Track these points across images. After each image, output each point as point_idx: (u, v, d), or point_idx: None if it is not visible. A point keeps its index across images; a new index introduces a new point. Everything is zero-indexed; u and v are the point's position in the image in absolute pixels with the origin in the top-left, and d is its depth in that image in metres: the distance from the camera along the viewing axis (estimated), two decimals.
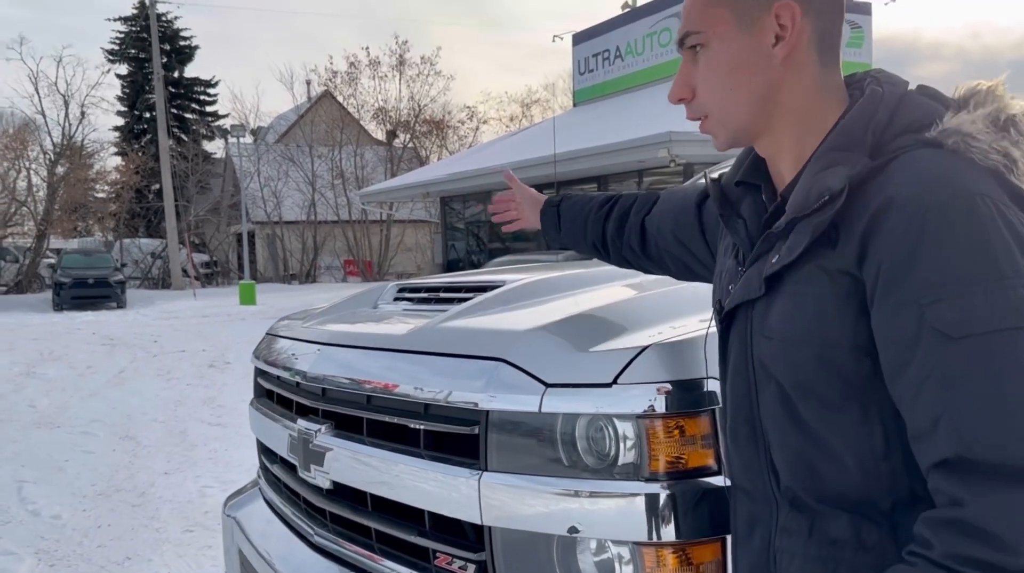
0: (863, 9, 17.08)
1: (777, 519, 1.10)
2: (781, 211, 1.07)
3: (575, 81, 20.59)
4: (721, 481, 1.39)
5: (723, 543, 1.37)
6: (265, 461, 2.49)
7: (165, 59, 36.37)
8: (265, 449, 2.46)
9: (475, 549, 1.60)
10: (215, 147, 40.28)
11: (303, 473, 2.03)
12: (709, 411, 1.39)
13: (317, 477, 1.97)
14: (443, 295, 2.23)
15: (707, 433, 1.39)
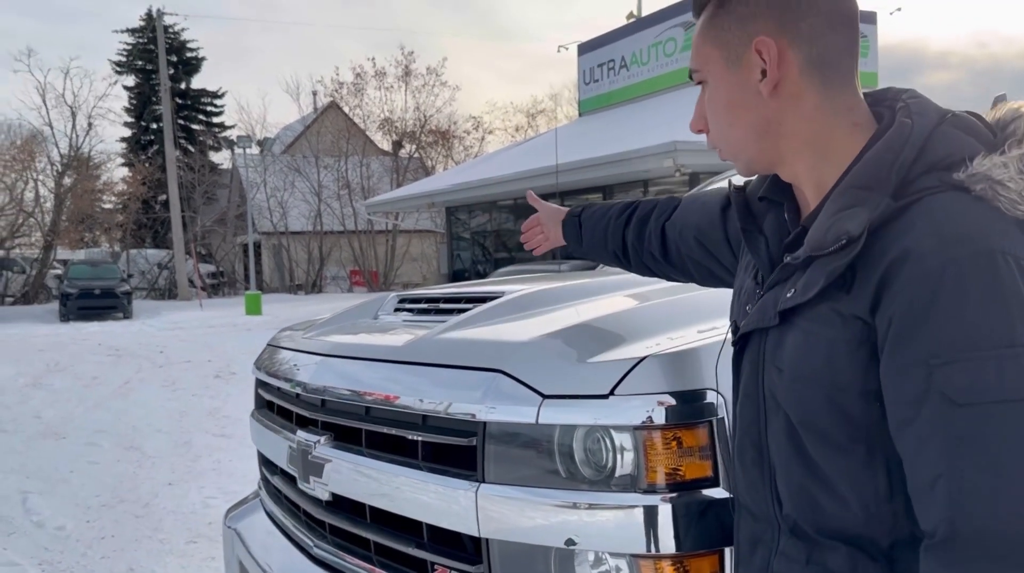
0: (868, 18, 17.08)
1: (778, 542, 1.10)
2: (801, 238, 1.06)
3: (580, 91, 20.60)
4: (719, 493, 1.38)
5: (721, 556, 1.36)
6: (266, 472, 2.48)
7: (172, 70, 36.59)
8: (266, 460, 2.46)
9: (473, 561, 1.59)
10: (222, 158, 40.53)
11: (303, 485, 2.03)
12: (707, 422, 1.39)
13: (316, 489, 1.96)
14: (443, 306, 2.23)
15: (704, 444, 1.38)
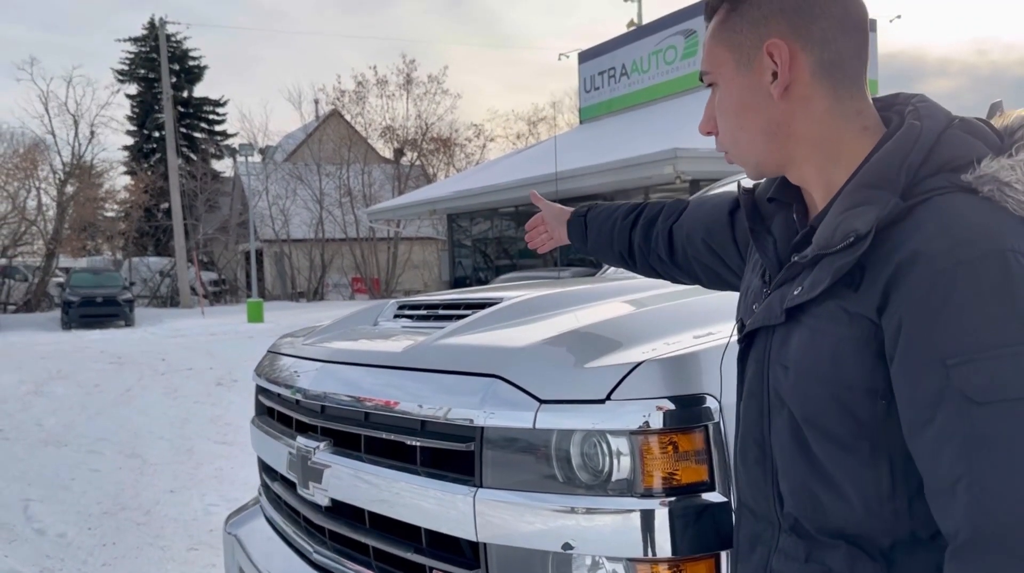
0: (869, 25, 17.11)
1: (777, 541, 1.10)
2: (809, 237, 1.06)
3: (581, 99, 20.66)
4: (715, 497, 1.39)
5: (717, 560, 1.37)
6: (266, 479, 2.49)
7: (174, 79, 36.70)
8: (266, 467, 2.47)
9: (471, 566, 1.60)
10: (224, 166, 40.56)
11: (302, 490, 2.04)
12: (703, 427, 1.40)
13: (316, 494, 1.97)
14: (442, 312, 2.24)
15: (701, 449, 1.39)
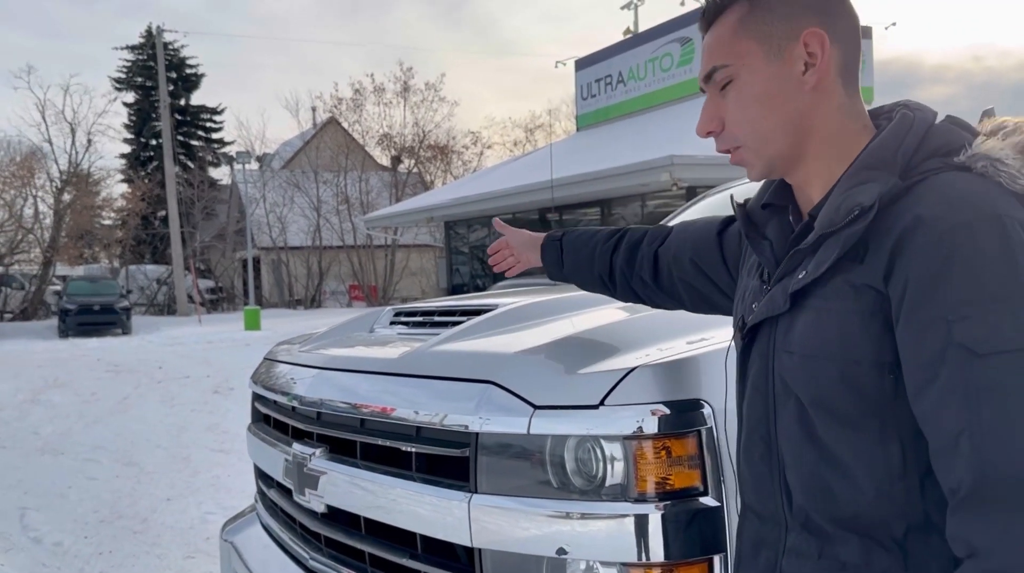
0: (864, 33, 17.08)
1: (785, 541, 1.10)
2: (808, 230, 1.09)
3: (578, 106, 20.70)
4: (708, 501, 1.40)
5: (710, 564, 1.38)
6: (262, 486, 2.50)
7: (171, 87, 36.75)
8: (262, 474, 2.47)
9: (466, 572, 1.61)
10: (221, 174, 40.64)
11: (298, 497, 2.04)
12: (695, 432, 1.41)
13: (312, 501, 1.98)
14: (437, 319, 2.25)
15: (693, 454, 1.40)
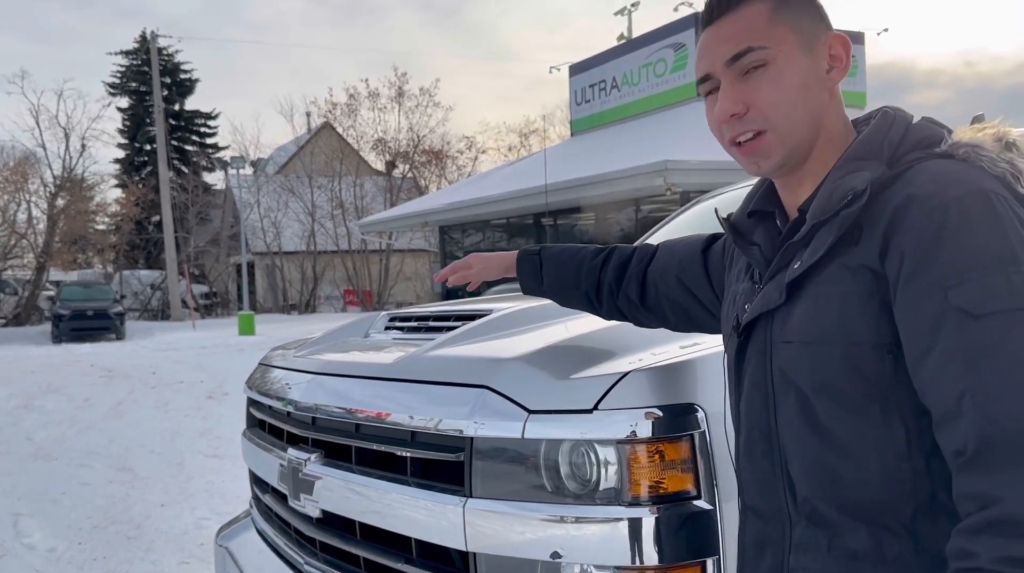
0: (856, 38, 17.28)
1: (791, 538, 1.10)
2: (799, 225, 1.12)
3: (572, 111, 20.74)
4: (701, 504, 1.41)
5: (703, 567, 1.39)
6: (257, 491, 2.50)
7: (166, 92, 36.64)
8: (257, 479, 2.47)
9: None
10: (215, 179, 40.49)
11: (293, 502, 2.04)
12: (689, 436, 1.41)
13: (307, 506, 1.98)
14: (432, 324, 2.26)
15: (687, 457, 1.41)
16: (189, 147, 41.02)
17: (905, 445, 1.00)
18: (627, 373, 1.46)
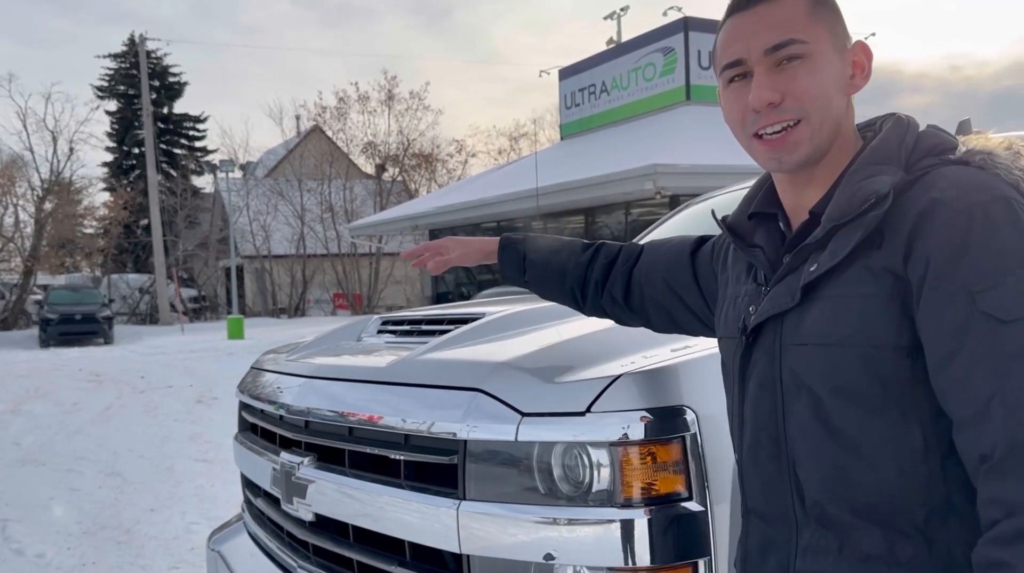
0: None
1: (797, 541, 1.10)
2: (811, 227, 1.12)
3: (562, 115, 20.78)
4: (693, 506, 1.42)
5: (695, 567, 1.40)
6: (249, 495, 2.50)
7: (154, 95, 36.53)
8: (249, 483, 2.48)
9: None
10: (204, 182, 40.38)
11: (286, 506, 2.05)
12: (680, 438, 1.43)
13: (300, 509, 1.98)
14: (425, 327, 2.27)
15: (678, 459, 1.42)
16: (178, 150, 40.87)
17: (923, 447, 1.00)
18: (619, 376, 1.47)
